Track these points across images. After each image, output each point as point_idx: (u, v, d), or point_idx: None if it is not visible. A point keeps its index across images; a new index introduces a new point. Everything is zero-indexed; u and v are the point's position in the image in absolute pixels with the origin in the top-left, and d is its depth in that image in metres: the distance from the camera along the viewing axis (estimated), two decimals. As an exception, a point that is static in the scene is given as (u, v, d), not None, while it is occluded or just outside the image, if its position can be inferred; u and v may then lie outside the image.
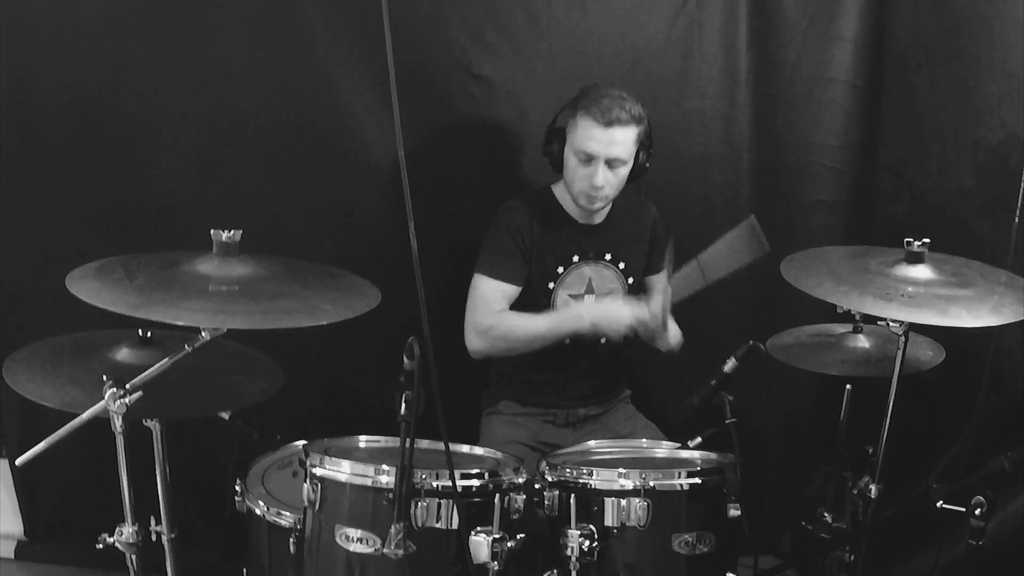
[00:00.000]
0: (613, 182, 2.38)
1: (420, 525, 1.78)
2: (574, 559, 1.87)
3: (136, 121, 2.63)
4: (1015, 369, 2.63)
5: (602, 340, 2.58)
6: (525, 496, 1.90)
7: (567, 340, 2.45)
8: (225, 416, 2.07)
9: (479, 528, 1.82)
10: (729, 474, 1.93)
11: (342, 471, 1.82)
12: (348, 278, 2.04)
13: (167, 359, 1.81)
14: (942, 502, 1.83)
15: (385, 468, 1.79)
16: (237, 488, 2.13)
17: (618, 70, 2.76)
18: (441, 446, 1.76)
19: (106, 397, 1.77)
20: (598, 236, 2.52)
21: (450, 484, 1.79)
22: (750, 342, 2.10)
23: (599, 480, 1.92)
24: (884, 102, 2.84)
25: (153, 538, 2.00)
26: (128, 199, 2.67)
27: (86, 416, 1.80)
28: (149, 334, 2.01)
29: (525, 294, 2.48)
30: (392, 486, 1.72)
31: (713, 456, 2.03)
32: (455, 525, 1.80)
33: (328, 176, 2.73)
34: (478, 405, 2.68)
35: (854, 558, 2.34)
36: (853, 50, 2.80)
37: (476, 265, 2.47)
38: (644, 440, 2.37)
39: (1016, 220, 2.40)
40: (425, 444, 1.88)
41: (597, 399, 2.62)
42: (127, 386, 1.78)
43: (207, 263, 1.89)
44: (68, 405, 1.84)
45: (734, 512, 1.90)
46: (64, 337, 2.10)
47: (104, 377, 1.80)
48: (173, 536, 2.01)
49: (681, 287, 2.27)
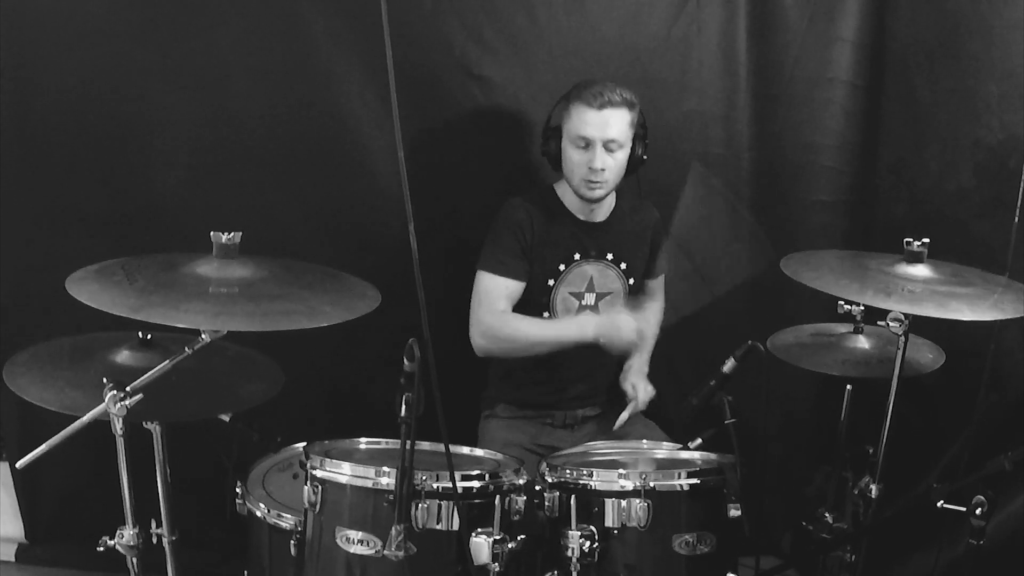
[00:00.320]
0: (612, 166, 2.38)
1: (421, 527, 1.78)
2: (575, 560, 1.87)
3: (136, 122, 2.63)
4: (1015, 369, 2.62)
5: (601, 339, 2.58)
6: (525, 497, 1.90)
7: None
8: (225, 418, 2.07)
9: (480, 529, 1.82)
10: (729, 474, 1.93)
11: (343, 473, 1.82)
12: (348, 280, 2.04)
13: (167, 361, 1.81)
14: (942, 502, 1.83)
15: (386, 470, 1.79)
16: (238, 490, 2.12)
17: (618, 70, 2.75)
18: (441, 448, 1.77)
19: (106, 400, 1.77)
20: (600, 235, 2.52)
21: (451, 486, 1.79)
22: (749, 342, 2.10)
23: (599, 481, 1.92)
24: (884, 102, 2.84)
25: (154, 540, 2.01)
26: (128, 201, 2.67)
27: (86, 419, 1.80)
28: (149, 336, 2.01)
29: (525, 291, 2.48)
30: (393, 488, 1.72)
31: (713, 456, 2.03)
32: (456, 526, 1.81)
33: (328, 177, 2.72)
34: (478, 406, 2.68)
35: (854, 558, 2.34)
36: (853, 50, 2.80)
37: (479, 262, 2.47)
38: (644, 441, 2.37)
39: (1016, 220, 2.40)
40: (425, 446, 1.89)
41: (595, 400, 2.62)
42: (127, 388, 1.78)
43: (207, 265, 1.89)
44: (68, 408, 1.84)
45: (734, 512, 1.90)
46: (64, 340, 2.09)
47: (104, 379, 1.80)
48: (174, 538, 2.02)
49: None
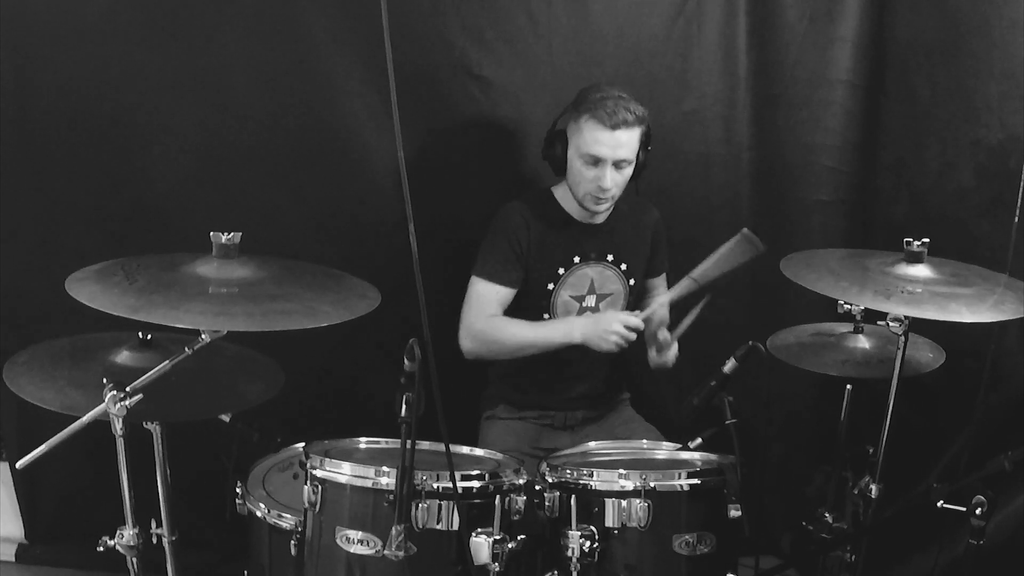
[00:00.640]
0: (620, 182, 2.38)
1: (421, 526, 1.78)
2: (575, 560, 1.87)
3: (136, 122, 2.62)
4: (1015, 369, 2.62)
5: None
6: (526, 497, 1.90)
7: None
8: (225, 418, 2.07)
9: (480, 529, 1.82)
10: (729, 475, 1.93)
11: (343, 473, 1.82)
12: (348, 280, 2.05)
13: (167, 361, 1.81)
14: (942, 502, 1.83)
15: (386, 470, 1.79)
16: (238, 490, 2.12)
17: (618, 70, 2.76)
18: (441, 447, 1.77)
19: (106, 400, 1.77)
20: (600, 237, 2.52)
21: (451, 485, 1.79)
22: (750, 342, 2.10)
23: (599, 481, 1.92)
24: (884, 102, 2.84)
25: (154, 540, 2.01)
26: (128, 201, 2.67)
27: (86, 419, 1.80)
28: (149, 336, 2.01)
29: (524, 296, 2.47)
30: (393, 488, 1.72)
31: (713, 457, 2.03)
32: (456, 526, 1.81)
33: (328, 177, 2.72)
34: (478, 407, 2.68)
35: (854, 558, 2.34)
36: (853, 50, 2.80)
37: (474, 267, 2.47)
38: (644, 441, 2.37)
39: (1016, 220, 2.39)
40: (425, 445, 1.88)
41: (595, 401, 2.62)
42: (127, 389, 1.78)
43: (207, 265, 1.89)
44: (68, 408, 1.84)
45: (734, 512, 1.90)
46: (64, 340, 2.09)
47: (104, 380, 1.80)
48: (174, 538, 2.02)
49: (680, 301, 2.38)
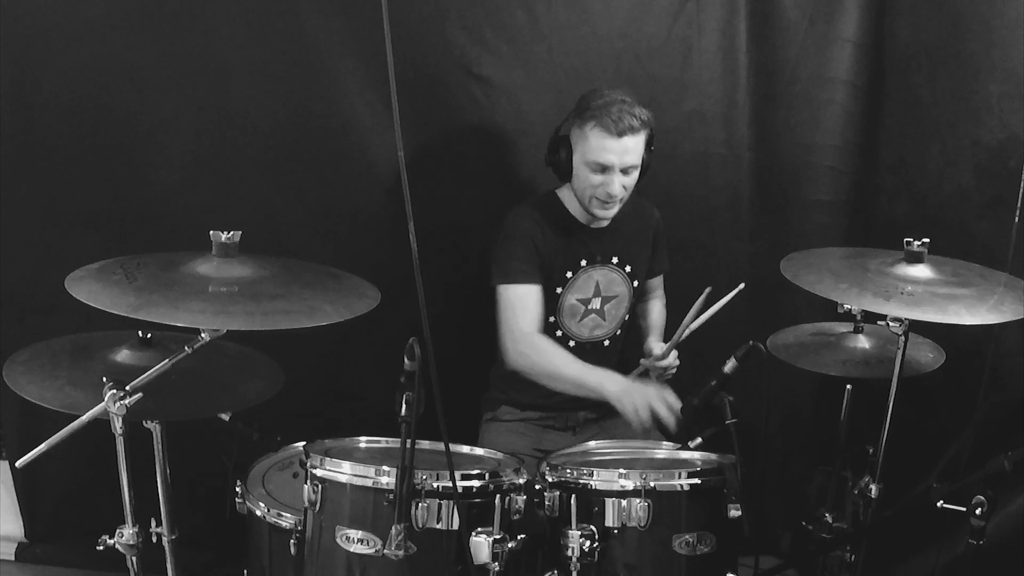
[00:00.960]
0: (627, 186, 2.39)
1: (421, 526, 1.78)
2: (575, 559, 1.87)
3: (136, 121, 2.63)
4: (1015, 369, 2.62)
5: (605, 343, 2.58)
6: (526, 497, 1.90)
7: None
8: (225, 417, 2.07)
9: (480, 529, 1.82)
10: (729, 474, 1.92)
11: (343, 472, 1.82)
12: (348, 279, 2.04)
13: (167, 360, 1.81)
14: (942, 502, 1.82)
15: (386, 469, 1.78)
16: (237, 489, 2.12)
17: (618, 70, 2.76)
18: (441, 447, 1.76)
19: (106, 399, 1.77)
20: (605, 239, 2.52)
21: (451, 485, 1.78)
22: (750, 342, 2.10)
23: (599, 481, 1.92)
24: (884, 102, 2.84)
25: (153, 539, 2.01)
26: (128, 200, 2.67)
27: (86, 418, 1.80)
28: (149, 335, 2.01)
29: None
30: (393, 487, 1.72)
31: (713, 456, 2.03)
32: (456, 526, 1.80)
33: (328, 176, 2.72)
34: (478, 406, 2.68)
35: (854, 558, 2.34)
36: (853, 50, 2.80)
37: (495, 277, 2.43)
38: (644, 441, 2.37)
39: (1016, 220, 2.39)
40: (425, 445, 1.89)
41: (597, 402, 2.60)
42: (127, 387, 1.78)
43: (207, 264, 1.89)
44: (68, 407, 1.84)
45: (734, 512, 1.90)
46: (64, 338, 2.10)
47: (104, 379, 1.80)
48: (173, 537, 2.02)
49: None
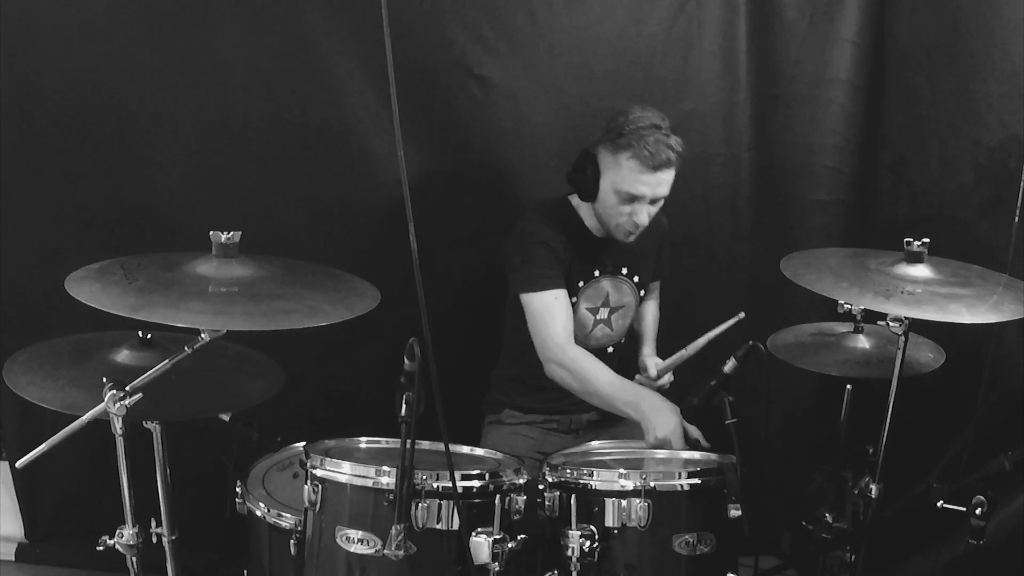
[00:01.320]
0: (653, 213, 2.37)
1: (421, 526, 1.77)
2: (575, 560, 1.87)
3: (136, 121, 2.63)
4: (1015, 369, 2.62)
5: (609, 349, 2.58)
6: (526, 497, 1.90)
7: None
8: (225, 418, 2.06)
9: (480, 529, 1.82)
10: (729, 474, 1.92)
11: (343, 472, 1.82)
12: (348, 279, 2.04)
13: (167, 361, 1.81)
14: (942, 502, 1.83)
15: (386, 469, 1.78)
16: (237, 490, 2.12)
17: (618, 70, 2.76)
18: (441, 447, 1.76)
19: (106, 399, 1.77)
20: (615, 249, 2.49)
21: (451, 485, 1.78)
22: (750, 342, 2.10)
23: (600, 481, 1.92)
24: (884, 102, 2.84)
25: (153, 540, 2.01)
26: (127, 200, 2.67)
27: (86, 418, 1.80)
28: (149, 336, 2.01)
29: None
30: (393, 487, 1.72)
31: (713, 456, 2.03)
32: (456, 526, 1.80)
33: (328, 176, 2.72)
34: (479, 406, 2.67)
35: (854, 558, 2.34)
36: (853, 50, 2.80)
37: (519, 286, 2.39)
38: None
39: (1016, 220, 2.39)
40: (425, 445, 1.89)
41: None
42: (127, 388, 1.78)
43: (206, 264, 1.89)
44: (68, 407, 1.84)
45: (734, 512, 1.90)
46: (64, 339, 2.09)
47: (104, 379, 1.80)
48: (173, 538, 2.02)
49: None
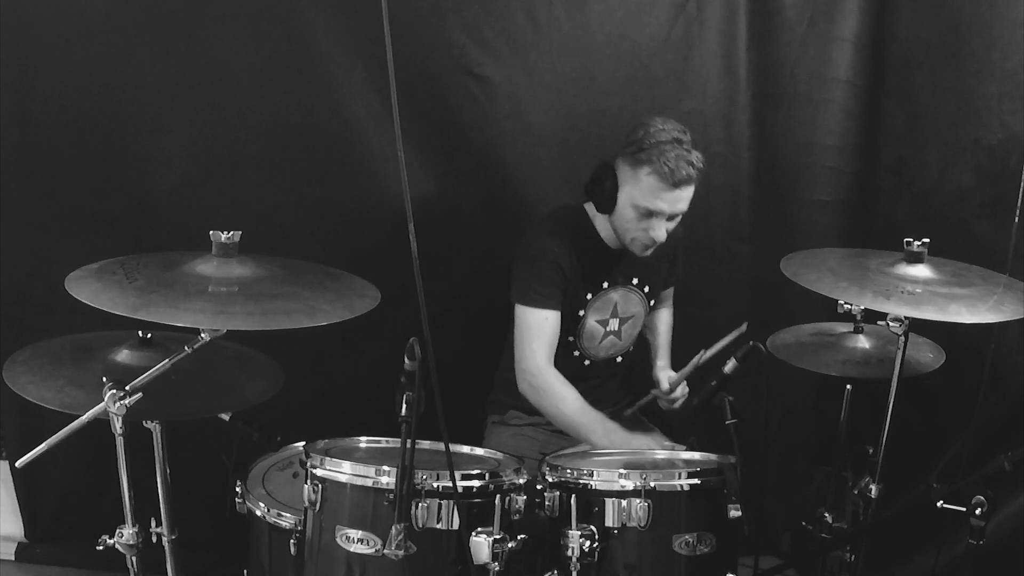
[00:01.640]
0: (671, 229, 2.35)
1: (421, 526, 1.78)
2: (575, 560, 1.87)
3: (136, 121, 2.62)
4: (1015, 369, 2.62)
5: (618, 359, 2.59)
6: (526, 497, 1.90)
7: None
8: (225, 417, 2.07)
9: (480, 529, 1.82)
10: (729, 474, 1.92)
11: (343, 472, 1.82)
12: (348, 278, 2.05)
13: (167, 360, 1.81)
14: (942, 502, 1.83)
15: (386, 469, 1.78)
16: (237, 489, 2.12)
17: (618, 70, 2.76)
18: (441, 447, 1.76)
19: (106, 398, 1.77)
20: (626, 261, 2.46)
21: (451, 485, 1.78)
22: (750, 342, 2.10)
23: (600, 481, 1.92)
24: (884, 102, 2.84)
25: (153, 539, 2.01)
26: (128, 200, 2.67)
27: (86, 417, 1.80)
28: (149, 335, 2.01)
29: None
30: (393, 487, 1.72)
31: (713, 457, 2.03)
32: (456, 526, 1.80)
33: (328, 176, 2.72)
34: (479, 406, 2.67)
35: (854, 558, 2.34)
36: (853, 50, 2.79)
37: (517, 295, 2.38)
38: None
39: (1016, 220, 2.39)
40: (426, 445, 1.88)
41: (604, 407, 2.59)
42: (127, 387, 1.78)
43: (206, 264, 1.89)
44: (68, 406, 1.84)
45: (734, 512, 1.90)
46: (64, 338, 2.09)
47: (104, 378, 1.80)
48: (173, 537, 2.02)
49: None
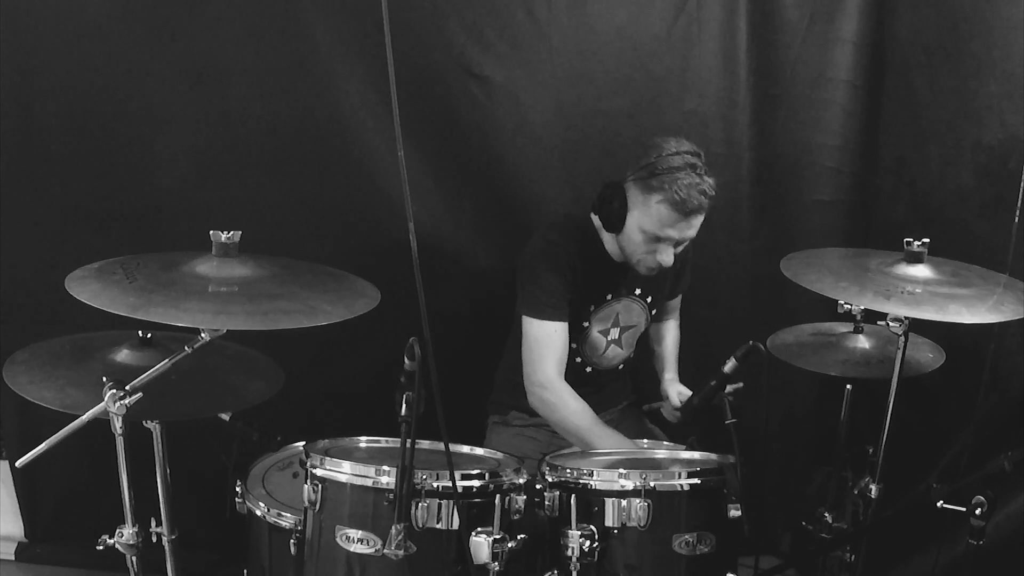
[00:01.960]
0: (679, 253, 2.34)
1: (421, 526, 1.78)
2: (575, 559, 1.87)
3: (136, 121, 2.63)
4: (1015, 369, 2.62)
5: (620, 367, 2.58)
6: (526, 497, 1.90)
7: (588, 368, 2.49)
8: (225, 417, 2.07)
9: (480, 529, 1.82)
10: (729, 474, 1.93)
11: (343, 472, 1.82)
12: (348, 279, 2.05)
13: (167, 360, 1.81)
14: (942, 502, 1.83)
15: (386, 469, 1.78)
16: (237, 489, 2.13)
17: (618, 70, 2.76)
18: (441, 446, 1.76)
19: (106, 398, 1.77)
20: (631, 274, 2.44)
21: (450, 485, 1.79)
22: (750, 342, 2.10)
23: (599, 480, 1.92)
24: (884, 102, 2.84)
25: (153, 539, 2.01)
26: (128, 200, 2.67)
27: (86, 417, 1.80)
28: (149, 335, 2.01)
29: None
30: (393, 487, 1.72)
31: (713, 456, 2.03)
32: (456, 526, 1.80)
33: (328, 176, 2.72)
34: (479, 406, 2.67)
35: (854, 558, 2.34)
36: (853, 50, 2.79)
37: (524, 306, 2.36)
38: (645, 440, 2.37)
39: (1016, 220, 2.39)
40: (426, 445, 1.89)
41: (608, 409, 2.59)
42: (127, 387, 1.78)
43: (206, 264, 1.89)
44: (68, 406, 1.84)
45: (734, 512, 1.90)
46: (64, 338, 2.09)
47: (104, 378, 1.80)
48: (173, 537, 2.02)
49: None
